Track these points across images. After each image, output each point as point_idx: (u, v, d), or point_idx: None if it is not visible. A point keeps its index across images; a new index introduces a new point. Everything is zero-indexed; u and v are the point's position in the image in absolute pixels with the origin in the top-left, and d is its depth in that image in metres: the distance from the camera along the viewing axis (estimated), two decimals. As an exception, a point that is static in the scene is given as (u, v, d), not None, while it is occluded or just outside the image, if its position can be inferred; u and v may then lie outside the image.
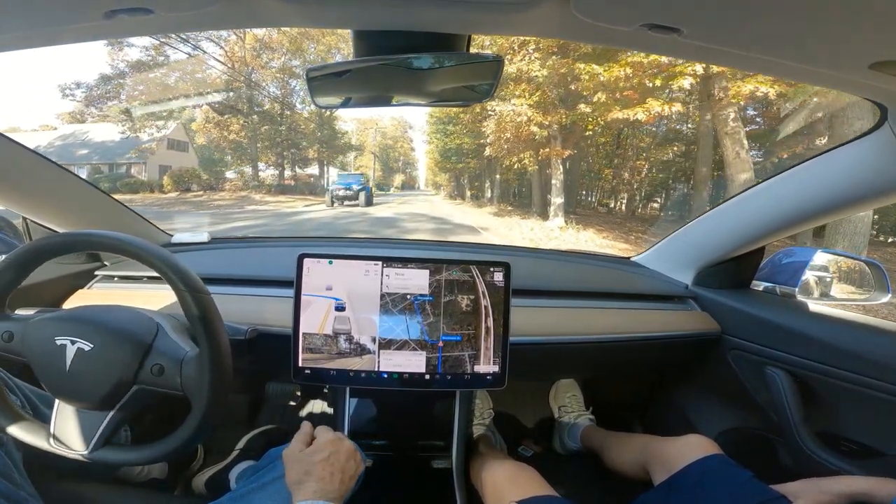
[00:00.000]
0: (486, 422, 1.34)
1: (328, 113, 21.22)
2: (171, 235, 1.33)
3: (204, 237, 1.34)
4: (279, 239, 1.44)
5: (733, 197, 1.10)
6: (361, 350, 0.89)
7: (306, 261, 0.88)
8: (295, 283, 0.88)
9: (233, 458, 1.16)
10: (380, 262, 0.89)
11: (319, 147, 23.90)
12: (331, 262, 0.89)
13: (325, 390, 1.37)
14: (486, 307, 0.90)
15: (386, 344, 0.89)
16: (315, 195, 21.70)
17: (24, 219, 1.01)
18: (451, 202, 25.50)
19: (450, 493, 0.93)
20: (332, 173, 24.75)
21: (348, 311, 0.89)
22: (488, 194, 22.40)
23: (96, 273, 1.11)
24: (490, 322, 0.90)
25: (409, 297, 0.89)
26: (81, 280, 1.08)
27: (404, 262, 0.90)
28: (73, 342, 0.63)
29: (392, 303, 0.89)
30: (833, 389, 0.93)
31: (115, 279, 1.11)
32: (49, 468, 0.74)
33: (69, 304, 1.02)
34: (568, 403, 1.43)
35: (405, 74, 0.65)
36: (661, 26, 0.48)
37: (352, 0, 0.52)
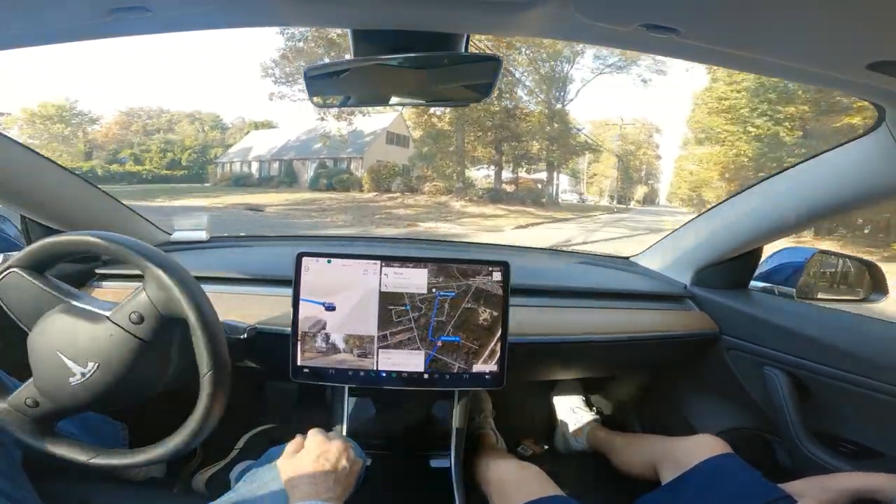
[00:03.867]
0: (488, 421, 1.34)
1: (559, 104, 17.12)
2: (170, 234, 1.33)
3: (203, 236, 1.34)
4: (278, 238, 1.44)
5: (732, 197, 1.10)
6: (360, 349, 0.89)
7: (305, 259, 0.88)
8: (293, 282, 0.88)
9: (232, 457, 1.16)
10: (378, 262, 0.89)
11: (549, 145, 17.96)
12: (329, 261, 0.89)
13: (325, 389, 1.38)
14: (484, 306, 0.90)
15: (385, 343, 0.89)
16: (538, 207, 16.28)
17: (23, 217, 1.00)
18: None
19: (449, 493, 0.93)
20: (563, 181, 20.41)
21: (346, 310, 0.89)
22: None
23: (95, 272, 1.11)
24: (489, 321, 0.90)
25: (407, 296, 0.89)
26: (82, 279, 1.08)
27: (403, 261, 0.90)
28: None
29: (391, 302, 0.89)
30: (831, 389, 0.94)
31: (115, 278, 1.10)
32: (48, 467, 0.74)
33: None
34: (573, 403, 1.43)
35: (404, 74, 0.65)
36: (659, 26, 0.48)
37: (351, 0, 0.52)
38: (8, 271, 0.66)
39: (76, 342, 0.65)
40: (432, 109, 16.57)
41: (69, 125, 28.63)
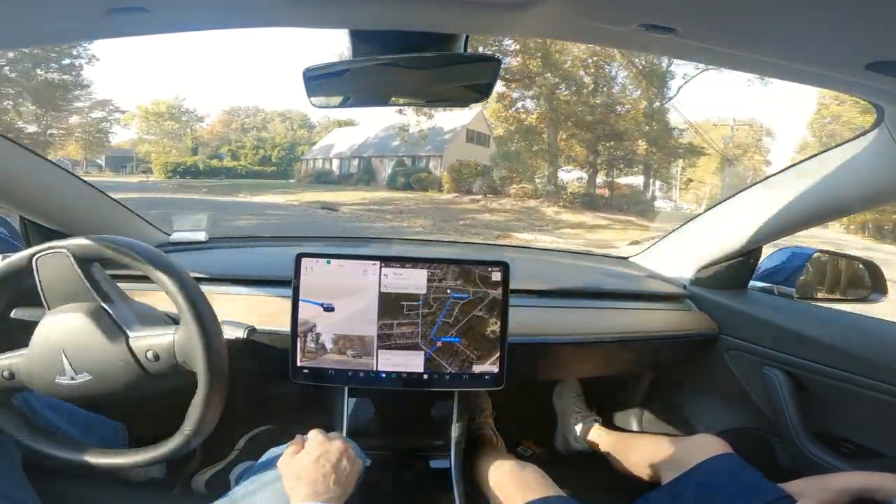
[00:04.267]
0: (488, 421, 1.34)
1: (657, 102, 14.92)
2: (169, 234, 1.33)
3: (202, 236, 1.34)
4: (277, 238, 1.44)
5: (731, 197, 1.10)
6: (360, 350, 0.89)
7: (304, 260, 0.88)
8: (293, 283, 0.88)
9: (232, 458, 1.16)
10: (378, 262, 0.89)
11: (648, 146, 15.73)
12: (329, 262, 0.89)
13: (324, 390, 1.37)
14: (484, 307, 0.90)
15: (384, 344, 0.89)
16: (640, 217, 14.09)
17: (22, 218, 1.00)
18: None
19: (448, 493, 0.93)
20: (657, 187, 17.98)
21: (346, 311, 0.89)
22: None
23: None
24: (488, 321, 0.90)
25: (407, 296, 0.89)
26: None
27: (402, 261, 0.90)
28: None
29: (390, 302, 0.89)
30: (830, 389, 0.94)
31: (120, 280, 1.10)
32: (48, 467, 0.74)
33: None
34: (573, 403, 1.43)
35: (403, 74, 0.65)
36: (657, 26, 0.48)
37: (350, 0, 0.52)
38: (59, 250, 0.65)
39: (84, 349, 0.64)
40: (520, 104, 15.60)
41: (178, 122, 30.44)
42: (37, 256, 0.65)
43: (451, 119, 20.29)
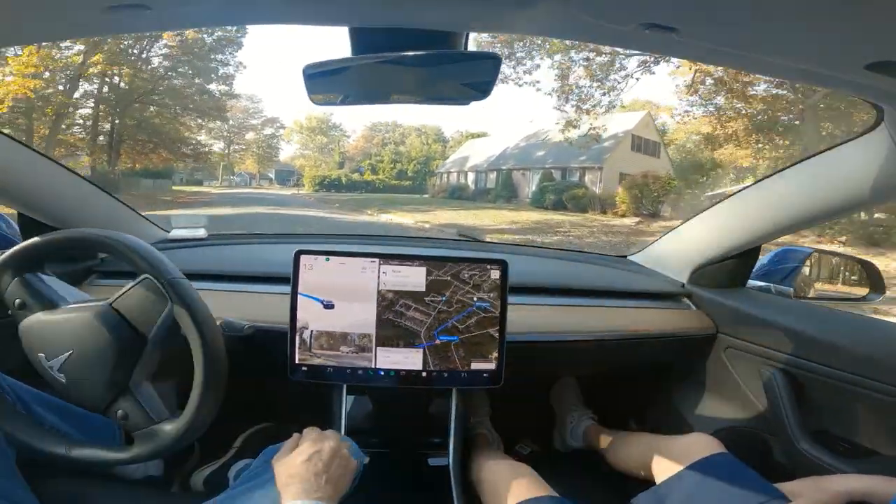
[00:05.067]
0: (484, 420, 1.34)
1: None
2: (168, 232, 1.32)
3: (201, 233, 1.33)
4: (276, 236, 1.43)
5: (730, 196, 1.10)
6: (358, 347, 0.89)
7: (303, 257, 0.88)
8: (292, 280, 0.88)
9: (231, 455, 1.16)
10: (377, 260, 0.89)
11: None
12: (328, 259, 0.89)
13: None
14: (482, 305, 0.90)
15: (383, 341, 0.89)
16: None
17: (20, 215, 1.00)
18: None
19: (447, 491, 0.93)
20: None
21: (345, 308, 0.89)
22: None
23: (94, 270, 1.11)
24: (487, 320, 0.90)
25: (406, 294, 0.89)
26: (78, 277, 1.08)
27: (401, 259, 0.90)
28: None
29: (389, 300, 0.89)
30: (828, 389, 0.94)
31: (113, 276, 1.10)
32: (44, 466, 0.74)
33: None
34: (571, 402, 1.43)
35: (402, 72, 0.65)
36: (658, 26, 0.48)
37: None
38: None
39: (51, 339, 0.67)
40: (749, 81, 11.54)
41: (327, 136, 33.27)
42: None
43: (614, 123, 16.33)
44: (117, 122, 16.18)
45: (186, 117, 18.06)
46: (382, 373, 0.89)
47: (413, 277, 0.90)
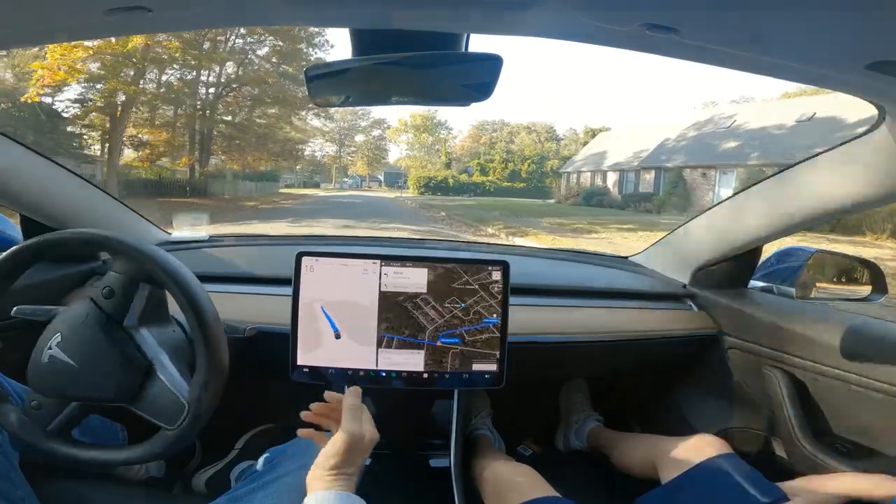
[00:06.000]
0: (485, 421, 1.34)
1: None
2: (170, 233, 1.33)
3: (203, 235, 1.34)
4: (278, 238, 1.44)
5: (731, 197, 1.10)
6: (360, 349, 0.89)
7: (305, 259, 0.88)
8: (293, 282, 0.88)
9: (232, 457, 1.16)
10: (378, 261, 0.89)
11: None
12: (329, 261, 0.89)
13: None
14: (484, 306, 0.90)
15: (384, 343, 0.89)
16: None
17: (23, 216, 1.00)
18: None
19: (448, 492, 0.93)
20: None
21: (347, 310, 0.89)
22: None
23: (96, 272, 1.11)
24: (488, 321, 0.90)
25: (407, 295, 0.89)
26: (81, 278, 1.08)
27: (403, 260, 0.90)
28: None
29: (390, 301, 0.89)
30: (830, 389, 0.94)
31: None
32: (46, 467, 0.74)
33: (67, 303, 1.01)
34: (578, 403, 1.43)
35: (404, 73, 0.65)
36: (659, 26, 0.48)
37: None
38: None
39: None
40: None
41: (432, 134, 32.33)
42: None
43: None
44: (226, 124, 17.18)
45: (294, 117, 18.67)
46: (384, 374, 0.89)
47: (415, 279, 0.90)
